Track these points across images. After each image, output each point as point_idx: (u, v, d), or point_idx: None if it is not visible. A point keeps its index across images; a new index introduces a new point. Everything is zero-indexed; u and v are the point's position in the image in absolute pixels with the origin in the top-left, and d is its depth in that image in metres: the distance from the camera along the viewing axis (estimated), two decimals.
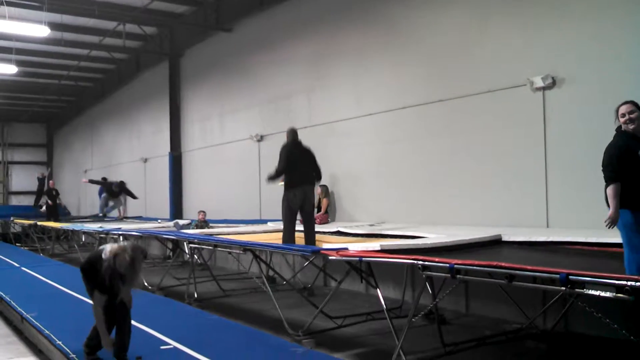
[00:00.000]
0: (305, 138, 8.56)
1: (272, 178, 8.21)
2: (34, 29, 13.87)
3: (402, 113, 9.84)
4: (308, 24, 12.15)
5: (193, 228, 12.87)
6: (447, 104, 9.05)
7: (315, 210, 10.97)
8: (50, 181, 22.21)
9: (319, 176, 8.44)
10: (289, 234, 8.05)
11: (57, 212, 20.59)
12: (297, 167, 8.04)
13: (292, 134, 8.37)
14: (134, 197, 17.59)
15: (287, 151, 8.12)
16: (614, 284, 3.82)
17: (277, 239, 8.42)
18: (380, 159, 10.35)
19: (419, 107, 9.54)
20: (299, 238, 8.14)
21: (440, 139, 9.20)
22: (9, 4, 12.74)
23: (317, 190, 11.03)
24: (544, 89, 7.62)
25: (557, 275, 4.12)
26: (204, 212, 13.65)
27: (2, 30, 14.51)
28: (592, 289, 4.00)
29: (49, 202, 20.34)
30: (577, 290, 4.07)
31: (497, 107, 8.33)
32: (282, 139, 8.56)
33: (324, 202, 11.16)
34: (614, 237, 6.02)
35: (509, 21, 8.23)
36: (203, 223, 13.24)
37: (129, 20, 16.00)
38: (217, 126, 15.67)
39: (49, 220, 19.38)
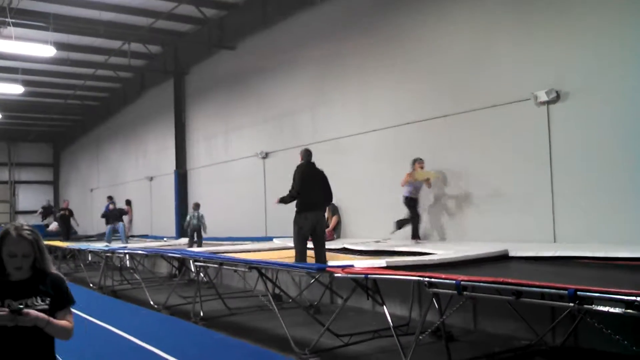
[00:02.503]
0: None
1: (287, 199, 8.18)
2: (40, 49, 13.98)
3: (407, 129, 9.84)
4: (311, 41, 12.20)
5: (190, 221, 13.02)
6: (452, 119, 9.03)
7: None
8: (65, 201, 22.23)
9: (329, 199, 8.41)
10: (300, 256, 8.01)
11: (69, 231, 20.63)
12: (310, 189, 8.01)
13: (307, 154, 8.33)
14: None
15: (302, 172, 8.09)
16: (624, 299, 3.77)
17: (283, 256, 8.39)
18: (386, 174, 10.32)
19: (424, 122, 9.53)
20: (310, 257, 8.10)
21: (445, 154, 9.17)
22: (16, 25, 12.85)
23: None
24: (548, 103, 7.61)
25: (565, 291, 4.07)
26: (196, 203, 13.81)
27: (8, 51, 14.63)
28: (601, 305, 3.95)
29: (58, 219, 20.49)
30: (585, 306, 4.02)
31: (502, 122, 8.31)
32: (287, 156, 8.58)
33: (333, 219, 11.13)
34: (621, 251, 5.98)
35: (512, 36, 8.24)
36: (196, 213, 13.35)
37: (134, 40, 16.12)
38: (222, 144, 15.70)
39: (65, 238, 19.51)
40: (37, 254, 2.92)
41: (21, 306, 2.70)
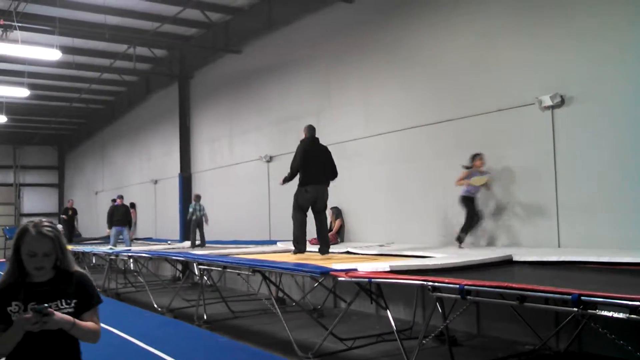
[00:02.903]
0: None
1: (288, 179, 8.19)
2: (46, 52, 14.04)
3: (412, 133, 9.84)
4: (316, 45, 12.22)
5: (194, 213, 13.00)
6: (456, 124, 9.04)
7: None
8: (69, 200, 22.19)
9: (334, 175, 8.41)
10: (298, 231, 7.98)
11: (71, 232, 20.58)
12: (313, 164, 8.01)
13: (310, 130, 8.36)
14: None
15: (304, 148, 8.10)
16: (628, 304, 3.76)
17: (287, 258, 8.39)
18: (390, 178, 10.33)
19: (428, 126, 9.53)
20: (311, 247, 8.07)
21: (450, 159, 9.16)
22: (22, 29, 12.92)
23: (329, 212, 11.00)
24: (552, 107, 7.60)
25: (569, 296, 4.06)
26: (197, 194, 13.81)
27: (14, 54, 14.69)
28: (605, 310, 3.94)
29: (64, 219, 20.45)
30: (589, 311, 4.01)
31: (506, 126, 8.31)
32: (292, 160, 8.57)
33: (337, 223, 11.12)
34: (626, 256, 5.96)
35: (516, 40, 8.24)
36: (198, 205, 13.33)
37: (139, 43, 16.18)
38: (226, 147, 15.73)
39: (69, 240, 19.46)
40: (59, 253, 2.72)
41: (46, 305, 2.53)
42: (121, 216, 15.07)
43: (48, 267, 2.71)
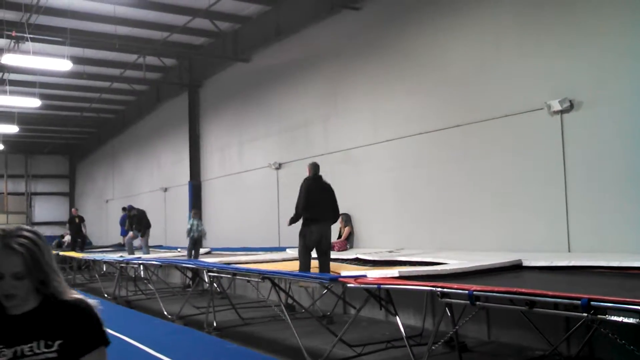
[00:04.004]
0: (322, 165, 8.59)
1: (294, 220, 8.19)
2: (57, 63, 14.17)
3: (419, 139, 9.85)
4: (324, 52, 12.27)
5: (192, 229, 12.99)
6: (464, 129, 9.03)
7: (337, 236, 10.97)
8: (73, 209, 22.24)
9: (336, 214, 8.40)
10: (305, 268, 8.01)
11: (82, 240, 20.56)
12: (317, 203, 8.02)
13: (314, 168, 8.36)
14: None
15: (307, 187, 8.11)
16: (638, 309, 3.74)
17: (296, 267, 8.40)
18: (398, 185, 10.33)
19: (436, 132, 9.53)
20: (314, 268, 8.10)
21: (458, 164, 9.17)
22: (34, 40, 13.06)
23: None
24: (561, 112, 7.59)
25: (579, 301, 4.05)
26: (195, 211, 13.83)
27: (26, 65, 14.85)
28: (615, 315, 3.92)
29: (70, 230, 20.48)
30: (599, 316, 3.99)
31: (515, 132, 8.30)
32: (301, 167, 8.62)
33: (346, 230, 11.12)
34: (636, 260, 5.93)
35: (525, 45, 8.24)
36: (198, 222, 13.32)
37: (149, 53, 16.30)
38: (235, 155, 15.79)
39: (72, 249, 19.49)
40: (40, 273, 1.90)
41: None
42: (140, 221, 15.30)
43: (22, 293, 1.90)
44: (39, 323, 1.93)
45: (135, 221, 15.46)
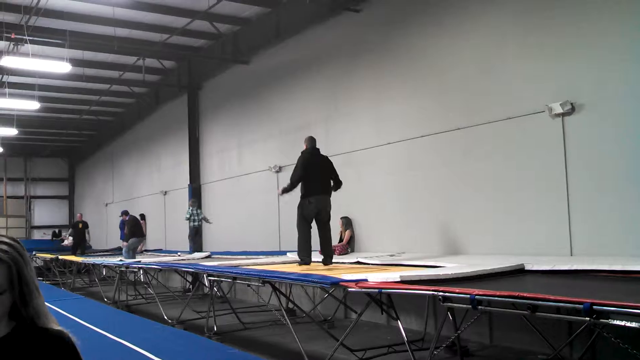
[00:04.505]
0: None
1: (287, 190, 8.20)
2: (56, 65, 14.16)
3: (421, 141, 9.81)
4: (325, 54, 12.25)
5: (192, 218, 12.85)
6: (466, 132, 9.00)
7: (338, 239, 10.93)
8: (79, 214, 22.21)
9: (337, 185, 8.40)
10: (303, 242, 7.97)
11: (83, 245, 20.57)
12: (314, 175, 8.01)
13: (310, 141, 8.39)
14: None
15: (304, 159, 8.11)
16: None
17: (297, 271, 8.36)
18: (400, 188, 10.30)
19: (438, 135, 9.50)
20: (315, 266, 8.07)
21: (460, 167, 9.13)
22: (32, 42, 13.03)
23: (338, 222, 10.98)
24: (563, 115, 7.55)
25: (581, 305, 4.01)
26: (193, 200, 13.70)
27: (25, 68, 14.84)
28: (617, 319, 3.89)
29: (72, 235, 20.47)
30: (601, 320, 3.96)
31: (516, 134, 8.27)
32: None
33: (347, 233, 11.08)
34: (639, 264, 5.89)
35: (526, 48, 8.21)
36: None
37: (148, 55, 16.28)
38: (235, 158, 15.76)
39: (74, 253, 19.46)
40: (22, 287, 1.58)
41: None
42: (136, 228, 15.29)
43: (0, 312, 1.56)
44: (10, 355, 1.53)
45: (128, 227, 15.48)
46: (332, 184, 8.41)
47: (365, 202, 11.02)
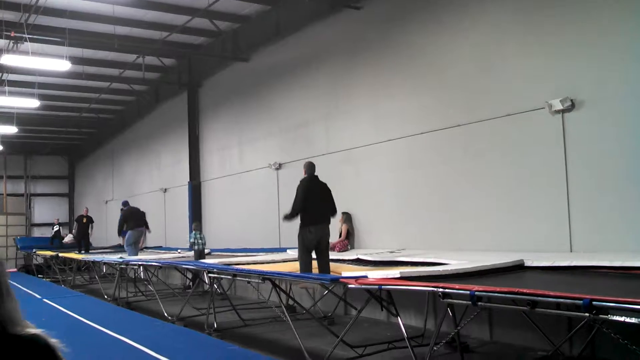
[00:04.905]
0: (323, 165, 8.58)
1: (289, 218, 8.20)
2: (56, 63, 14.15)
3: (421, 138, 9.82)
4: (325, 52, 12.25)
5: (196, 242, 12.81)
6: (466, 129, 9.01)
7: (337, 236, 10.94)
8: (85, 208, 21.99)
9: (333, 212, 8.40)
10: (305, 269, 8.01)
11: (87, 242, 20.41)
12: (314, 204, 8.02)
13: (310, 168, 8.37)
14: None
15: (304, 187, 8.11)
16: None
17: (296, 268, 8.38)
18: (399, 185, 10.31)
19: (438, 132, 9.50)
20: (315, 270, 8.08)
21: (460, 164, 9.14)
22: (32, 40, 13.02)
23: (339, 216, 10.98)
24: (562, 111, 7.56)
25: (581, 301, 4.03)
26: (197, 223, 13.70)
27: (25, 66, 14.83)
28: (616, 315, 3.90)
29: (75, 230, 20.41)
30: (601, 316, 3.98)
31: (516, 131, 8.28)
32: (301, 167, 8.58)
33: (344, 228, 11.09)
34: (638, 260, 5.91)
35: (525, 44, 8.21)
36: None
37: (148, 53, 16.27)
38: (235, 155, 15.77)
39: (78, 251, 19.38)
40: None
41: None
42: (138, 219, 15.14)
43: None
44: None
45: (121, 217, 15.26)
46: (330, 212, 8.40)
47: (364, 199, 11.03)
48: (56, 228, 24.43)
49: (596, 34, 7.37)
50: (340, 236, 11.04)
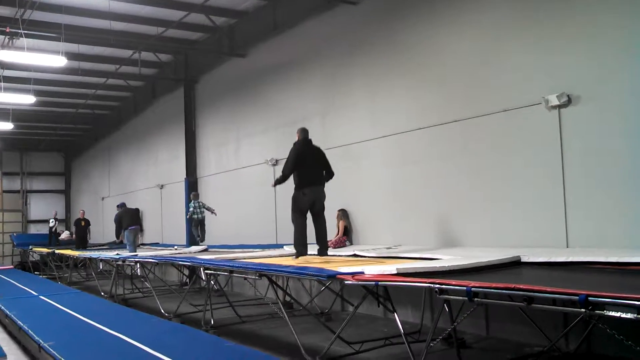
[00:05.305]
0: None
1: (279, 181, 8.23)
2: (52, 59, 14.10)
3: (418, 134, 9.81)
4: (321, 47, 12.22)
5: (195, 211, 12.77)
6: (463, 124, 9.00)
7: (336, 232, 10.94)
8: (81, 210, 22.06)
9: (330, 175, 8.42)
10: (299, 234, 7.99)
11: (85, 241, 20.46)
12: (307, 166, 8.03)
13: (303, 132, 8.43)
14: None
15: (296, 151, 8.13)
16: (636, 305, 3.72)
17: (292, 263, 8.36)
18: (396, 180, 10.30)
19: (435, 127, 9.50)
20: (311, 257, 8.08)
21: (457, 160, 9.14)
22: (28, 36, 12.98)
23: (335, 214, 10.99)
24: (559, 107, 7.56)
25: (577, 297, 4.03)
26: (195, 193, 13.69)
27: (21, 62, 14.78)
28: (613, 310, 3.91)
29: (74, 231, 20.43)
30: (597, 312, 3.98)
31: (513, 127, 8.27)
32: None
33: (341, 224, 11.09)
34: (635, 256, 5.91)
35: (523, 40, 8.20)
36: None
37: (144, 48, 16.23)
38: (232, 151, 15.75)
39: (77, 248, 19.39)
40: None
41: None
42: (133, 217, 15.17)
43: None
44: None
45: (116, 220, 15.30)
46: (324, 174, 8.42)
47: (361, 195, 11.03)
48: (52, 223, 24.29)
49: (593, 29, 7.36)
50: (337, 233, 11.04)
